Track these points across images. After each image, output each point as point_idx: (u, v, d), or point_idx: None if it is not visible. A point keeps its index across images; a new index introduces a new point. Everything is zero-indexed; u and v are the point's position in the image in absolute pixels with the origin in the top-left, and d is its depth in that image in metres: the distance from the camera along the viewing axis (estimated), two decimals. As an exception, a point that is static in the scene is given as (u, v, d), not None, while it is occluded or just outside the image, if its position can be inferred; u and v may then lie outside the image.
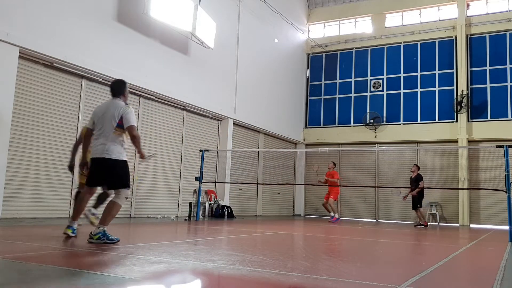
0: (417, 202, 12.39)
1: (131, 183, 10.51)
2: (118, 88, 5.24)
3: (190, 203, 11.67)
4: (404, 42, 17.36)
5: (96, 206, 6.55)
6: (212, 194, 13.15)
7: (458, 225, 14.88)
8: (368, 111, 17.47)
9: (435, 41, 16.86)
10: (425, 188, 12.36)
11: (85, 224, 6.37)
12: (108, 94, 10.23)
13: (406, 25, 17.54)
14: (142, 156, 5.20)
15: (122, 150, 5.03)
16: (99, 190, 5.68)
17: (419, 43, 17.11)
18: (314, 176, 18.27)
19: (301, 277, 3.26)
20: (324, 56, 18.87)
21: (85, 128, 5.34)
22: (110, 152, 4.92)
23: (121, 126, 4.98)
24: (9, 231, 5.97)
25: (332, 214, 13.29)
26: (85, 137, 5.29)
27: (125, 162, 5.07)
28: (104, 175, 5.01)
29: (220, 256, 4.12)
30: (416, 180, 12.44)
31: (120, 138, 5.02)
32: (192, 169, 12.45)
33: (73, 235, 5.15)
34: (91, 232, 4.78)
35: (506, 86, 15.52)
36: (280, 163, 17.34)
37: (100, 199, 6.39)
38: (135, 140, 5.04)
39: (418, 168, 12.76)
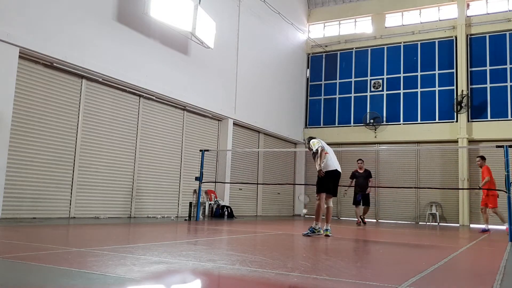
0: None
1: (133, 183, 10.60)
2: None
3: (190, 203, 11.67)
4: (404, 42, 17.36)
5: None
6: (212, 194, 13.15)
7: (458, 225, 14.88)
8: (368, 111, 17.47)
9: (435, 41, 16.86)
10: (425, 188, 12.27)
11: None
12: (107, 94, 10.28)
13: (406, 25, 17.54)
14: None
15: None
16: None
17: (419, 43, 17.11)
18: (314, 176, 18.32)
19: (301, 277, 3.26)
20: (324, 56, 18.87)
21: None
22: None
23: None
24: (9, 231, 5.97)
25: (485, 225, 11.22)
26: None
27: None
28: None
29: (220, 256, 4.12)
30: (368, 176, 12.45)
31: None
32: (192, 169, 12.45)
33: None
34: (326, 230, 7.11)
35: (506, 86, 15.53)
36: (280, 163, 17.34)
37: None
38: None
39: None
